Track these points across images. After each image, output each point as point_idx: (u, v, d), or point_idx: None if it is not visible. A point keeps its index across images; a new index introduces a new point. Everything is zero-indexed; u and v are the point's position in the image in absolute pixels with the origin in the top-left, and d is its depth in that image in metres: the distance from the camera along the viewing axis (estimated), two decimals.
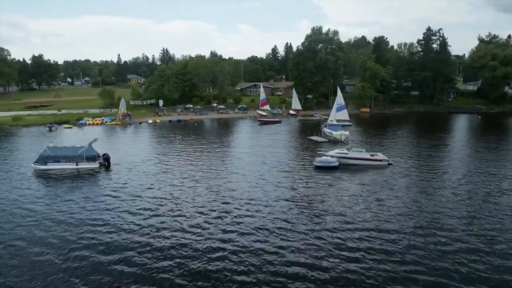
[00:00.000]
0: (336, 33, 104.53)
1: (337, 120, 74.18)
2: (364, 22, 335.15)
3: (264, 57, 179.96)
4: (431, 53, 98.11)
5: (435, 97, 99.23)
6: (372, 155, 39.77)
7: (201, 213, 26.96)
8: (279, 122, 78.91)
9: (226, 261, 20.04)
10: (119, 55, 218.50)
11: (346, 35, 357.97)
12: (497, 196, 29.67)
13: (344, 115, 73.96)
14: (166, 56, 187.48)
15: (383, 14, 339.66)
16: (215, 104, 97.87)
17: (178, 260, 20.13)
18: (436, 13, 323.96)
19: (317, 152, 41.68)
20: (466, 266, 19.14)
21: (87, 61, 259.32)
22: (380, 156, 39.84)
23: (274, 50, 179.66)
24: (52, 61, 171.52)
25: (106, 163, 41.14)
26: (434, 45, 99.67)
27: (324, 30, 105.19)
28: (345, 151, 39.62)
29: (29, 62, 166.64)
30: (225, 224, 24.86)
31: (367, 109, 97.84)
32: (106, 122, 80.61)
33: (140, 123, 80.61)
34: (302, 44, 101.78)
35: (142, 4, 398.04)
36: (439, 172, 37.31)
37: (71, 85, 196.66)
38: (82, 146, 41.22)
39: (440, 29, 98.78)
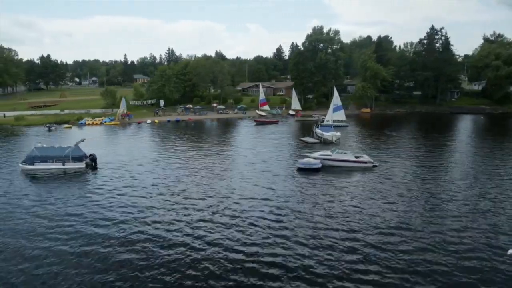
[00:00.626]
0: (337, 32, 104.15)
1: (334, 121, 73.87)
2: (374, 21, 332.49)
3: (271, 57, 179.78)
4: (433, 53, 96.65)
5: (437, 97, 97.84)
6: (357, 157, 39.37)
7: (173, 210, 27.51)
8: (276, 122, 78.69)
9: (187, 256, 20.49)
10: (125, 55, 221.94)
11: (355, 34, 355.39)
12: (477, 201, 29.07)
13: (340, 115, 73.55)
14: (172, 56, 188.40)
15: (394, 13, 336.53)
16: (215, 104, 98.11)
17: (142, 255, 20.70)
18: (447, 12, 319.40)
19: (301, 154, 41.51)
20: (421, 266, 19.01)
21: (96, 61, 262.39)
22: (365, 158, 39.40)
23: (279, 50, 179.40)
24: (60, 61, 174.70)
25: (93, 163, 41.52)
26: (437, 45, 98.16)
27: (325, 29, 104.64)
28: (329, 153, 39.30)
29: (38, 62, 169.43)
30: (194, 221, 25.25)
31: (368, 110, 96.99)
32: (105, 122, 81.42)
33: (139, 123, 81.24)
34: (303, 44, 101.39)
35: (152, 4, 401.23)
36: (425, 176, 36.62)
37: (79, 85, 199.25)
38: (69, 146, 41.75)
39: (442, 28, 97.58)
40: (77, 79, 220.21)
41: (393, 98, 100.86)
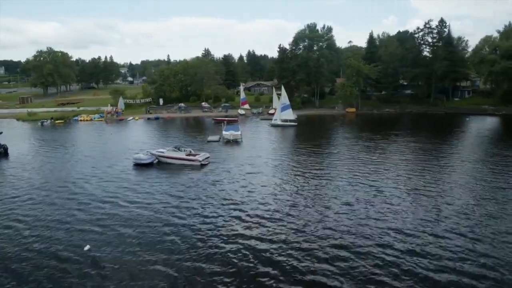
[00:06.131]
0: (330, 29, 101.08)
1: (282, 120, 74.09)
2: (456, 16, 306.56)
3: None
4: (428, 48, 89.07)
5: (431, 97, 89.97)
6: (192, 155, 41.33)
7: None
8: (235, 121, 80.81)
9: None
10: (168, 55, 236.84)
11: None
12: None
13: (288, 114, 73.82)
14: (208, 56, 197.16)
15: (477, 6, 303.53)
16: (203, 103, 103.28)
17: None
18: None
19: (146, 150, 44.93)
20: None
21: (161, 61, 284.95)
22: (200, 156, 41.03)
23: None
24: (131, 62, 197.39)
25: (4, 152, 50.24)
26: (433, 39, 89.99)
27: (319, 26, 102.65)
28: (162, 150, 42.06)
29: (101, 63, 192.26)
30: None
31: (353, 109, 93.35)
32: (94, 118, 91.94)
33: (121, 120, 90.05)
34: (291, 42, 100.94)
35: (227, 4, 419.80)
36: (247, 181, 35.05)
37: (131, 84, 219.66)
38: None
39: (431, 20, 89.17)
40: (130, 78, 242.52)
41: (383, 97, 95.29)
